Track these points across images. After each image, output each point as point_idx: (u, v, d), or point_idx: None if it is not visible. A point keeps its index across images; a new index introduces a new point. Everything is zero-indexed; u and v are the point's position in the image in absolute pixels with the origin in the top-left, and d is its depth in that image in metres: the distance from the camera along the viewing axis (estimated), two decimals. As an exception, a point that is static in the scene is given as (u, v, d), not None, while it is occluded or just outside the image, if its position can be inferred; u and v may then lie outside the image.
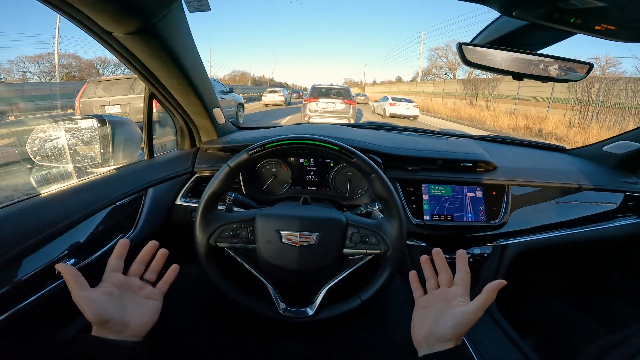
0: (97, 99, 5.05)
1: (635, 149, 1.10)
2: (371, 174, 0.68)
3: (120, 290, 0.51)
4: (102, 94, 5.07)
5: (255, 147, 0.68)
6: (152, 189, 0.89)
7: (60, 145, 0.88)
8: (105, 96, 5.03)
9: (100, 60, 26.23)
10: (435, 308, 0.53)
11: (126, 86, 5.06)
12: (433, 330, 0.49)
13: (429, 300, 0.56)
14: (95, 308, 0.45)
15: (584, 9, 0.53)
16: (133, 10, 0.55)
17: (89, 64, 25.31)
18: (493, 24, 0.70)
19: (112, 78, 5.48)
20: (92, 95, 5.12)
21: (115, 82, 5.22)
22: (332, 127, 1.27)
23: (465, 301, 0.51)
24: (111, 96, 5.02)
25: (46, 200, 0.66)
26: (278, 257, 0.68)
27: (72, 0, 0.49)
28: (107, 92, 5.09)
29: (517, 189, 1.04)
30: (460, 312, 0.48)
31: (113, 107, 4.93)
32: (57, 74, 19.55)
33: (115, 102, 4.94)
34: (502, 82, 15.89)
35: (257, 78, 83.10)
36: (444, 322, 0.49)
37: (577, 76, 0.69)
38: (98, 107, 4.97)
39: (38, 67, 21.72)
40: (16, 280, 0.54)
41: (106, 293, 0.49)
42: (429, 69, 35.40)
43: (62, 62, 22.26)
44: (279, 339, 0.82)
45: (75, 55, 25.84)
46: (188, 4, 0.67)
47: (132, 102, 4.87)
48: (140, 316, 0.50)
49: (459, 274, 0.55)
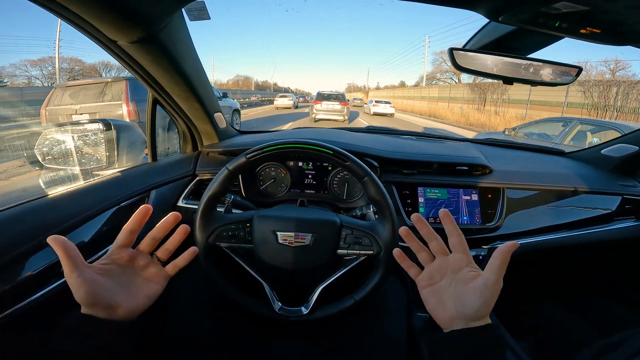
0: (63, 106, 4.54)
1: (632, 151, 1.10)
2: (364, 177, 0.70)
3: (122, 268, 0.48)
4: (69, 101, 4.56)
5: (253, 151, 0.70)
6: (155, 190, 0.91)
7: (67, 149, 0.91)
8: (72, 103, 4.53)
9: (102, 64, 26.32)
10: (444, 283, 0.49)
11: (96, 92, 4.56)
12: (460, 309, 0.45)
13: (431, 276, 0.50)
14: (85, 290, 0.42)
15: (568, 13, 0.55)
16: (136, 19, 0.58)
17: (92, 67, 25.27)
18: (483, 30, 0.73)
19: (81, 83, 4.91)
20: (58, 102, 4.61)
21: (84, 87, 4.69)
22: (332, 131, 1.29)
23: (476, 270, 0.47)
24: (79, 104, 4.51)
25: (54, 200, 0.69)
26: (274, 257, 0.70)
27: (79, 11, 0.52)
28: (75, 99, 4.58)
29: (514, 192, 1.05)
30: (482, 286, 0.44)
31: (80, 115, 4.41)
32: (58, 78, 19.56)
33: (82, 110, 4.44)
34: (512, 87, 15.37)
35: (260, 83, 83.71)
36: (470, 300, 0.44)
37: (566, 79, 0.71)
38: (65, 115, 4.46)
39: (41, 70, 21.66)
40: (23, 277, 0.57)
41: (102, 272, 0.45)
42: (434, 73, 35.03)
43: (64, 66, 22.41)
44: (274, 339, 0.84)
45: (78, 59, 25.90)
46: (189, 13, 0.70)
47: (101, 111, 4.41)
48: (133, 299, 0.47)
49: (453, 238, 0.50)
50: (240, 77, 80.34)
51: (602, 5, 0.51)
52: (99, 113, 4.43)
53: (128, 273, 0.49)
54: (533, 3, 0.53)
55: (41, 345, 0.41)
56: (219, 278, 0.72)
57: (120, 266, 0.48)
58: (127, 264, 0.49)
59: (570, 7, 0.53)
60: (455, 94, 21.21)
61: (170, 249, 0.53)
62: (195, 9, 0.68)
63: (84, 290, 0.42)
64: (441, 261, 0.50)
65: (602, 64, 16.89)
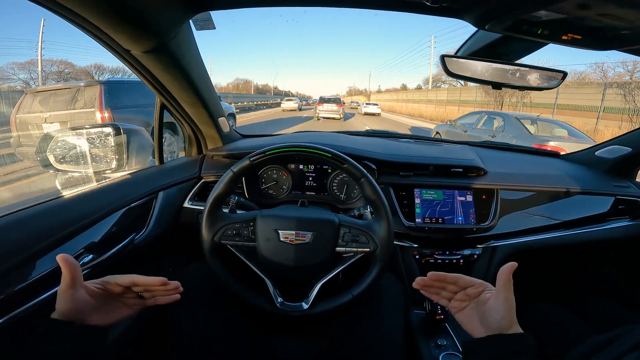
0: (32, 114, 4.13)
1: (625, 153, 1.13)
2: (361, 179, 0.74)
3: (110, 295, 0.53)
4: (38, 108, 4.14)
5: (256, 154, 0.74)
6: (163, 192, 0.95)
7: (79, 152, 0.96)
8: (42, 111, 4.11)
9: (95, 67, 25.30)
10: (470, 307, 0.55)
11: (67, 98, 4.10)
12: (486, 325, 0.51)
13: (460, 303, 0.56)
14: (70, 307, 0.46)
15: (549, 20, 0.59)
16: (148, 30, 0.63)
17: (83, 70, 24.41)
18: (472, 37, 0.77)
19: (51, 88, 4.43)
20: (28, 109, 4.17)
21: (54, 93, 4.23)
22: (331, 135, 1.33)
23: (492, 291, 0.53)
24: (49, 111, 4.08)
25: (67, 201, 0.73)
26: (276, 254, 0.74)
27: (98, 23, 0.57)
28: (45, 106, 4.14)
29: (509, 193, 1.07)
30: (497, 304, 0.50)
31: (51, 124, 3.98)
32: (40, 81, 18.66)
33: (52, 119, 4.02)
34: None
35: (260, 86, 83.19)
36: (491, 316, 0.50)
37: (552, 84, 0.74)
38: (34, 124, 4.07)
39: (29, 74, 20.43)
40: (37, 275, 0.60)
41: (92, 294, 0.50)
42: (438, 76, 33.74)
43: (53, 70, 21.82)
44: (277, 334, 0.86)
45: (68, 61, 24.89)
46: (195, 24, 0.75)
47: (72, 119, 3.99)
48: (105, 317, 0.51)
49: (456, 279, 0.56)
50: (240, 80, 79.72)
51: (578, 13, 0.54)
52: (70, 122, 3.98)
53: (112, 298, 0.53)
54: (515, 11, 0.57)
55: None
56: (224, 274, 0.75)
57: (110, 294, 0.53)
58: (116, 295, 0.53)
59: (550, 15, 0.57)
60: (467, 97, 19.99)
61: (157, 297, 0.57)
62: (202, 20, 0.73)
63: (69, 307, 0.46)
64: (462, 294, 0.56)
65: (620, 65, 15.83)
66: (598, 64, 14.51)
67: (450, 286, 0.57)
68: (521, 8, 0.55)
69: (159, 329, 0.86)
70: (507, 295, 0.50)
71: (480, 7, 0.60)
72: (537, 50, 0.75)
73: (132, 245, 0.81)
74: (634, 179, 1.19)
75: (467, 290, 0.55)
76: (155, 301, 0.56)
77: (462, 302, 0.56)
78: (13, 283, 0.56)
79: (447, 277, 0.56)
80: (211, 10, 0.70)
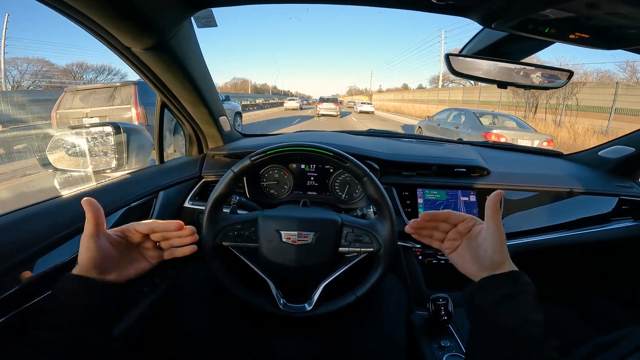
0: (74, 110, 4.73)
1: (629, 153, 1.12)
2: (363, 177, 0.73)
3: (130, 243, 0.53)
4: (79, 105, 4.73)
5: (257, 154, 0.73)
6: (163, 192, 0.94)
7: (79, 151, 0.95)
8: (82, 107, 4.72)
9: (78, 66, 24.82)
10: (462, 244, 0.54)
11: (106, 96, 4.71)
12: (478, 261, 0.50)
13: (452, 242, 0.55)
14: (92, 256, 0.46)
15: (556, 19, 0.58)
16: (149, 27, 0.62)
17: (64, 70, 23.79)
18: (478, 36, 0.76)
19: (91, 87, 5.15)
20: (69, 106, 4.77)
21: (93, 91, 4.88)
22: (333, 134, 1.32)
23: (480, 223, 0.53)
24: (89, 107, 4.69)
25: (66, 201, 0.72)
26: (278, 255, 0.73)
27: (98, 19, 0.56)
28: (85, 102, 4.74)
29: (513, 193, 1.07)
30: (486, 236, 0.49)
31: (91, 119, 4.59)
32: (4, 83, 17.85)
33: (93, 113, 4.62)
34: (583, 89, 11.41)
35: (259, 86, 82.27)
36: (482, 250, 0.50)
37: (558, 83, 0.73)
38: (75, 119, 4.65)
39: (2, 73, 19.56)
40: (36, 275, 0.59)
41: (114, 242, 0.50)
42: (446, 75, 31.36)
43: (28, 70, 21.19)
44: (278, 335, 0.86)
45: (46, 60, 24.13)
46: (197, 21, 0.74)
47: (111, 114, 4.56)
48: (124, 269, 0.51)
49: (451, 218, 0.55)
50: (237, 79, 79.02)
51: (587, 12, 0.54)
52: (108, 116, 4.54)
53: (131, 248, 0.53)
54: (522, 10, 0.56)
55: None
56: (225, 276, 0.74)
57: (130, 242, 0.53)
58: (136, 243, 0.54)
59: (557, 14, 0.56)
60: (489, 97, 17.26)
61: (173, 245, 0.56)
62: (203, 17, 0.72)
63: (92, 256, 0.46)
64: (454, 232, 0.55)
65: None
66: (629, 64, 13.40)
67: (442, 225, 0.56)
68: (529, 7, 0.55)
69: (160, 329, 0.85)
70: (496, 225, 0.49)
71: (487, 5, 0.59)
72: (543, 49, 0.74)
73: None
74: (638, 179, 1.19)
75: (457, 227, 0.54)
76: (172, 253, 0.56)
77: (454, 241, 0.55)
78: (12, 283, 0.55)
79: (438, 215, 0.55)
80: (212, 7, 0.69)
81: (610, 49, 0.71)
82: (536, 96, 13.44)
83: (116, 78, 26.34)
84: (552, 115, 12.76)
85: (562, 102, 12.35)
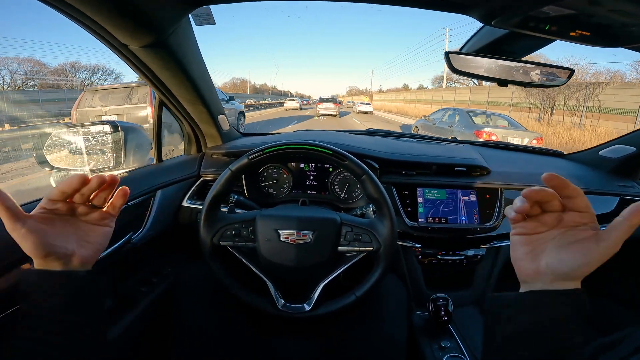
0: (93, 108, 5.01)
1: (630, 152, 1.12)
2: (362, 176, 0.72)
3: (62, 217, 0.43)
4: (98, 104, 5.03)
5: (254, 152, 0.72)
6: (161, 191, 0.94)
7: (76, 150, 0.94)
8: (102, 106, 4.99)
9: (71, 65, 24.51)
10: (546, 235, 0.39)
11: (123, 95, 4.98)
12: (552, 264, 0.37)
13: (537, 226, 0.40)
14: (33, 241, 0.39)
15: (557, 16, 0.57)
16: (147, 24, 0.61)
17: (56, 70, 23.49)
18: (478, 33, 0.75)
19: (109, 87, 5.47)
20: (88, 104, 5.07)
21: (112, 91, 5.16)
22: (333, 133, 1.32)
23: (595, 229, 0.37)
24: (108, 106, 4.96)
25: None
26: (277, 255, 0.72)
27: (94, 16, 0.55)
28: (104, 101, 5.03)
29: (513, 193, 1.06)
30: (593, 245, 0.36)
31: (110, 117, 4.83)
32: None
33: (112, 112, 4.88)
34: (606, 89, 10.55)
35: (258, 86, 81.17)
36: (571, 255, 0.37)
37: (559, 81, 0.73)
38: (94, 117, 4.89)
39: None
40: None
41: (44, 221, 0.41)
42: (449, 74, 30.28)
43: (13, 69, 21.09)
44: (278, 335, 0.85)
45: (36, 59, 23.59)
46: (195, 18, 0.73)
47: (129, 112, 4.81)
48: (86, 245, 0.44)
49: (577, 199, 0.37)
50: (236, 79, 78.10)
51: (588, 9, 0.53)
52: (126, 114, 4.79)
53: (71, 221, 0.44)
54: (523, 7, 0.56)
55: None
56: (224, 276, 0.74)
57: (60, 215, 0.44)
58: (66, 212, 0.44)
59: (558, 11, 0.55)
60: (498, 98, 16.08)
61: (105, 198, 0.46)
62: (202, 15, 0.71)
63: (32, 241, 0.39)
64: (557, 216, 0.39)
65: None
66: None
67: (552, 203, 0.39)
68: (529, 4, 0.54)
69: (159, 328, 0.85)
70: (617, 240, 0.34)
71: (487, 2, 0.58)
72: (544, 47, 0.73)
73: (130, 244, 0.80)
74: (638, 179, 1.18)
75: (566, 214, 0.39)
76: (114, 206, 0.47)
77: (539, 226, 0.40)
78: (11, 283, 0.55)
79: (569, 187, 0.37)
80: (210, 5, 0.68)
81: (611, 47, 0.70)
82: (552, 97, 12.08)
83: (110, 78, 26.47)
84: (571, 117, 11.39)
85: (583, 104, 11.10)
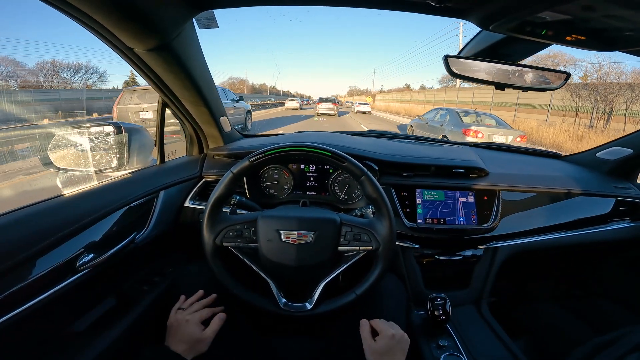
0: (132, 105, 5.83)
1: (627, 154, 1.13)
2: (361, 177, 0.73)
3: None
4: (137, 102, 5.84)
5: (256, 155, 0.73)
6: (163, 191, 0.95)
7: (80, 151, 0.95)
8: (140, 103, 5.79)
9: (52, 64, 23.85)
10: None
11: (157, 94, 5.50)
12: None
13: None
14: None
15: (553, 21, 0.59)
16: (152, 28, 0.62)
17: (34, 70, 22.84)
18: (476, 38, 0.76)
19: (146, 88, 6.08)
20: (127, 102, 5.90)
21: (148, 91, 5.82)
22: (333, 135, 1.33)
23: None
24: (145, 103, 5.73)
25: (67, 200, 0.73)
26: (278, 255, 0.73)
27: (101, 20, 0.57)
28: (142, 99, 5.83)
29: (510, 194, 1.07)
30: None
31: (147, 113, 5.67)
32: None
33: (149, 109, 5.68)
34: None
35: (257, 86, 79.37)
36: None
37: (555, 85, 0.74)
38: (133, 113, 5.76)
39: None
40: (38, 274, 0.59)
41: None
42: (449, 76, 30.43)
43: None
44: (280, 334, 0.86)
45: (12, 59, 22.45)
46: (199, 22, 0.75)
47: None
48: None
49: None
50: (234, 79, 76.41)
51: (583, 14, 0.54)
52: None
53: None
54: (520, 12, 0.57)
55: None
56: (226, 277, 0.75)
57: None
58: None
59: (554, 16, 0.57)
60: (503, 99, 14.12)
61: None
62: (205, 18, 0.72)
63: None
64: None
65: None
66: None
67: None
68: (526, 9, 0.55)
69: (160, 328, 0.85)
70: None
71: (485, 7, 0.60)
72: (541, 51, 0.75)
73: (133, 244, 0.81)
74: (635, 181, 1.20)
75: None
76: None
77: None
78: (13, 282, 0.56)
79: None
80: (214, 9, 0.70)
81: (607, 51, 0.71)
82: (610, 100, 10.30)
83: (94, 77, 26.40)
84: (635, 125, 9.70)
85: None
